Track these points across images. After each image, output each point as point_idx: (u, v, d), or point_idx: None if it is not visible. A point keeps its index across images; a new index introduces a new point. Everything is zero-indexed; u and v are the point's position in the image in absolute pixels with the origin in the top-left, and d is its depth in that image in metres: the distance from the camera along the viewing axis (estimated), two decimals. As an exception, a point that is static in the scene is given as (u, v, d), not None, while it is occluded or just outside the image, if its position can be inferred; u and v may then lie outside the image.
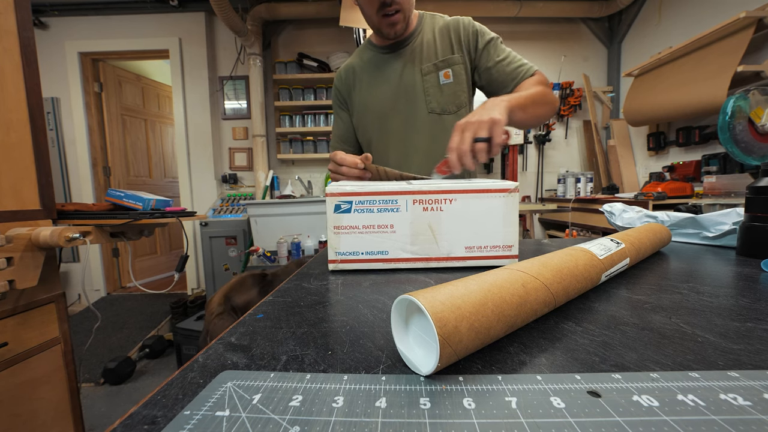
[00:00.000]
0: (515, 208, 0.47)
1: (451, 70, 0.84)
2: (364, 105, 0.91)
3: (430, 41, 0.86)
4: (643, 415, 0.16)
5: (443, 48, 0.85)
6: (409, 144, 0.89)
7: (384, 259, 0.47)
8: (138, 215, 1.08)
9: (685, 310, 0.29)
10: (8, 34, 0.85)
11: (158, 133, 3.70)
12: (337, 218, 0.46)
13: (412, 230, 0.46)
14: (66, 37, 2.87)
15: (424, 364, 0.20)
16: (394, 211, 0.46)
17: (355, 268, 0.47)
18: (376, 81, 0.90)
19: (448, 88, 0.85)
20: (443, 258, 0.47)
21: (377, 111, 0.90)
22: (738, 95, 1.70)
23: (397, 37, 0.85)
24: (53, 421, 0.93)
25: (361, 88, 0.91)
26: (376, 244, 0.47)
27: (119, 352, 2.10)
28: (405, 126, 0.89)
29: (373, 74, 0.90)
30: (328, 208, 0.46)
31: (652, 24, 2.73)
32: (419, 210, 0.46)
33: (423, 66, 0.85)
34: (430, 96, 0.86)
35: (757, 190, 0.49)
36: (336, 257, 0.47)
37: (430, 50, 0.86)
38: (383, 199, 0.46)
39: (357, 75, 0.92)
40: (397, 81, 0.88)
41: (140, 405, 0.18)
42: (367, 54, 0.92)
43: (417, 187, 0.46)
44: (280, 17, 2.82)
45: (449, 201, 0.46)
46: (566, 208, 2.62)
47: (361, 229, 0.46)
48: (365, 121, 0.92)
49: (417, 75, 0.86)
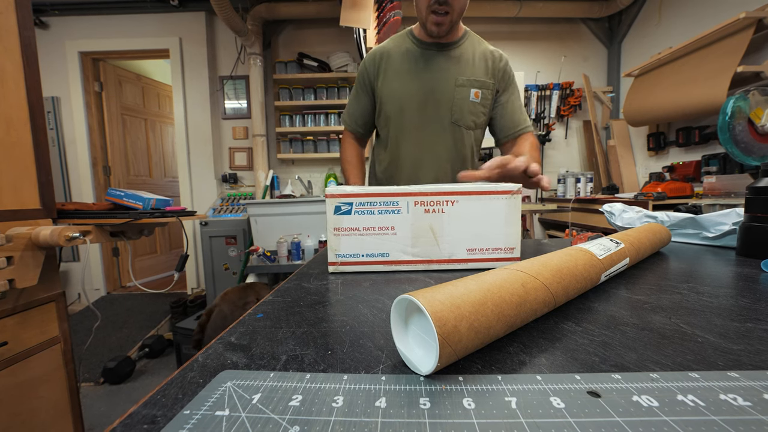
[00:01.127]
0: (517, 211, 0.46)
1: (482, 92, 0.89)
2: (389, 92, 0.92)
3: (469, 59, 0.89)
4: (643, 416, 0.16)
5: (479, 70, 0.89)
6: (424, 145, 0.91)
7: (385, 261, 0.47)
8: (138, 215, 1.08)
9: (685, 311, 0.29)
10: (9, 34, 0.85)
11: (158, 133, 3.70)
12: (337, 220, 0.46)
13: (413, 232, 0.46)
14: (66, 37, 2.87)
15: (423, 364, 0.20)
16: (395, 213, 0.46)
17: (355, 271, 0.47)
18: (408, 73, 0.90)
19: (474, 106, 0.89)
20: (444, 260, 0.47)
21: (400, 102, 0.91)
22: (738, 96, 1.70)
23: (439, 38, 0.86)
24: (53, 420, 0.93)
25: (392, 74, 0.91)
26: (376, 246, 0.46)
27: (119, 351, 2.10)
28: (424, 126, 0.91)
29: (407, 65, 0.90)
30: (328, 210, 0.46)
31: (652, 24, 2.73)
32: (420, 212, 0.46)
33: (458, 78, 0.88)
34: (456, 107, 0.89)
35: (757, 190, 0.49)
36: (336, 259, 0.46)
37: (468, 66, 0.89)
38: (384, 201, 0.46)
39: (390, 60, 0.92)
40: (428, 80, 0.89)
41: (140, 404, 0.18)
42: (407, 44, 0.92)
43: (418, 189, 0.45)
44: (280, 17, 2.82)
45: (451, 203, 0.46)
46: (566, 208, 2.62)
47: (362, 231, 0.46)
48: (386, 108, 0.93)
49: (450, 83, 0.88)
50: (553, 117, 3.08)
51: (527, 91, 3.04)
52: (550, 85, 3.06)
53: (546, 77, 3.09)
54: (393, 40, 0.95)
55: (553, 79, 3.07)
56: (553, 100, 3.06)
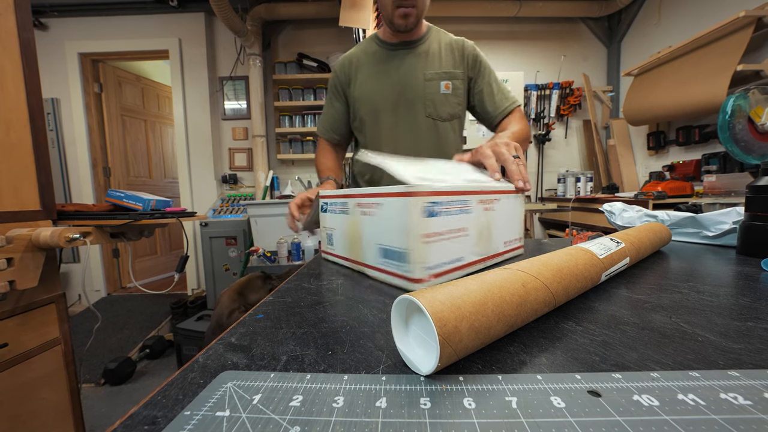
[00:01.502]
0: (523, 205, 0.56)
1: (452, 83, 0.89)
2: (361, 96, 0.92)
3: (435, 51, 0.90)
4: (644, 415, 0.16)
5: (447, 61, 0.89)
6: (403, 144, 0.91)
7: (460, 267, 0.42)
8: (138, 216, 1.08)
9: (686, 310, 0.29)
10: (8, 35, 0.85)
11: (158, 134, 3.70)
12: (426, 224, 0.37)
13: (477, 231, 0.45)
14: (66, 38, 2.87)
15: (424, 364, 0.20)
16: (468, 213, 0.43)
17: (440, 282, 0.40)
18: (378, 75, 0.91)
19: (446, 98, 0.89)
20: (491, 255, 0.48)
21: (374, 104, 0.91)
22: (738, 94, 1.69)
23: (407, 31, 0.87)
24: (54, 421, 0.93)
25: (362, 79, 0.92)
26: (455, 251, 0.41)
27: (119, 352, 2.10)
28: (399, 125, 0.91)
29: (376, 67, 0.91)
30: (412, 212, 0.36)
31: (652, 23, 2.73)
32: (481, 209, 0.45)
33: (427, 72, 0.88)
34: (429, 101, 0.89)
35: (757, 189, 0.49)
36: (424, 274, 0.37)
37: (435, 59, 0.89)
38: (461, 200, 0.41)
39: (359, 65, 0.93)
40: (398, 79, 0.89)
41: (140, 405, 0.18)
42: (372, 47, 0.93)
43: (479, 187, 0.45)
44: (279, 17, 2.82)
45: (498, 200, 0.49)
46: (566, 207, 2.62)
47: (445, 235, 0.39)
48: (360, 112, 0.93)
49: (420, 79, 0.88)
50: (553, 116, 3.08)
51: (527, 90, 3.04)
52: (550, 85, 3.06)
53: (546, 77, 3.09)
54: (359, 46, 0.96)
55: (553, 79, 3.07)
56: (553, 99, 3.06)
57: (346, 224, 0.50)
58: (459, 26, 2.99)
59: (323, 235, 0.59)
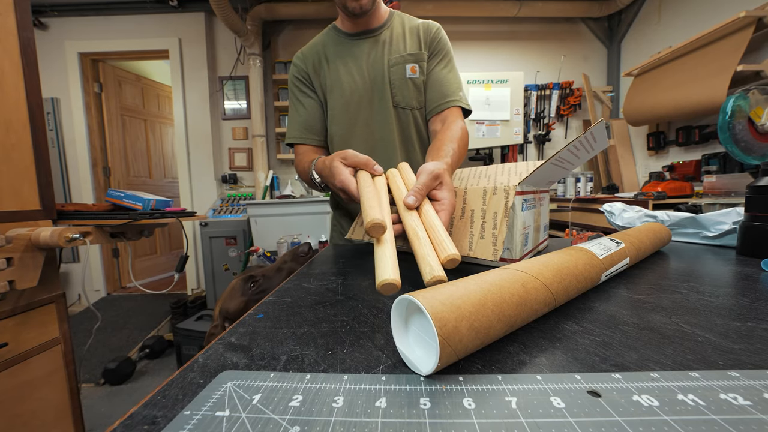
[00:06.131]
0: None
1: (418, 66, 0.83)
2: (331, 88, 0.85)
3: (399, 35, 0.84)
4: (643, 415, 0.16)
5: (412, 44, 0.84)
6: (374, 135, 0.86)
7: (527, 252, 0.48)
8: (138, 215, 1.08)
9: (685, 310, 0.29)
10: (8, 35, 0.85)
11: (158, 134, 3.70)
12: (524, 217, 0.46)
13: (534, 225, 0.51)
14: (66, 38, 2.87)
15: (424, 364, 0.20)
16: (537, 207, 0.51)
17: None
18: (346, 66, 0.85)
19: (413, 83, 0.83)
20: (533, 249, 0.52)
21: (345, 97, 0.85)
22: (738, 95, 1.70)
23: (363, 12, 0.79)
24: (53, 421, 0.93)
25: (330, 69, 0.85)
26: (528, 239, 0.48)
27: (119, 352, 2.10)
28: (371, 117, 0.85)
29: (343, 58, 0.85)
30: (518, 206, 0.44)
31: (652, 23, 2.73)
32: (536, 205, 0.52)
33: (391, 57, 0.83)
34: (395, 89, 0.83)
35: (757, 189, 0.49)
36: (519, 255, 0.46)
37: (399, 43, 0.84)
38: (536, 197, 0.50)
39: (326, 55, 0.85)
40: (365, 69, 0.84)
41: (140, 405, 0.18)
42: (333, 38, 0.86)
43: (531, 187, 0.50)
44: (279, 17, 2.82)
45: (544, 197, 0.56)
46: (566, 207, 2.62)
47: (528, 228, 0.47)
48: (331, 105, 0.86)
49: (384, 65, 0.83)
50: (553, 116, 3.08)
51: (527, 90, 3.04)
52: (550, 85, 3.06)
53: (546, 77, 3.09)
54: (318, 38, 0.89)
55: (553, 79, 3.07)
56: (553, 99, 3.06)
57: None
58: (459, 26, 3.00)
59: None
